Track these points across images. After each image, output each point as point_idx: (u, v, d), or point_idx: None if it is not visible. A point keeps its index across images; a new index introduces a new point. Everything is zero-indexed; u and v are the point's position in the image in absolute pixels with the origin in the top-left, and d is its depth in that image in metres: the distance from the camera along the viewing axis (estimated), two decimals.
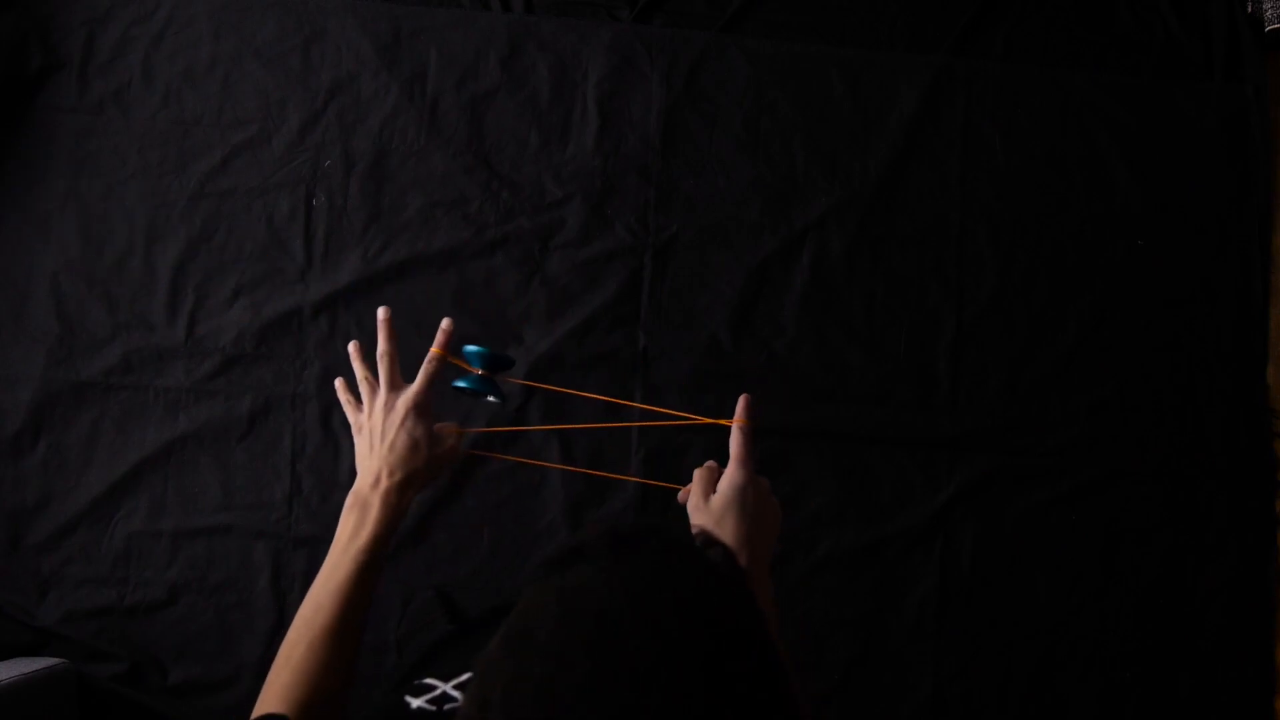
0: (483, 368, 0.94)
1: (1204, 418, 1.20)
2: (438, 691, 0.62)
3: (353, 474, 1.14)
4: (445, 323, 0.91)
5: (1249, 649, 1.17)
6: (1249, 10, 1.25)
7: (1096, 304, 1.21)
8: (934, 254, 1.21)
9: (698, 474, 0.85)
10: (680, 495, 0.90)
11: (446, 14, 1.20)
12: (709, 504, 0.82)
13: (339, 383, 0.96)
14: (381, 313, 0.91)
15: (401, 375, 0.93)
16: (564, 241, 1.18)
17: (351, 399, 0.92)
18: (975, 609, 1.17)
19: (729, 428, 0.87)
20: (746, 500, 0.82)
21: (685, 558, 0.46)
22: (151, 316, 1.15)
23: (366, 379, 0.91)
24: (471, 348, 0.96)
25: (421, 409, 0.84)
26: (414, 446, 0.82)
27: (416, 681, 0.64)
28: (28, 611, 1.12)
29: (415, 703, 0.66)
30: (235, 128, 1.17)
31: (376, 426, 0.85)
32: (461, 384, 0.97)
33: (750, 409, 0.87)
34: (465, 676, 0.61)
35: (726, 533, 0.80)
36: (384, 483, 0.81)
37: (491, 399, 0.99)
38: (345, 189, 1.17)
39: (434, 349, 0.89)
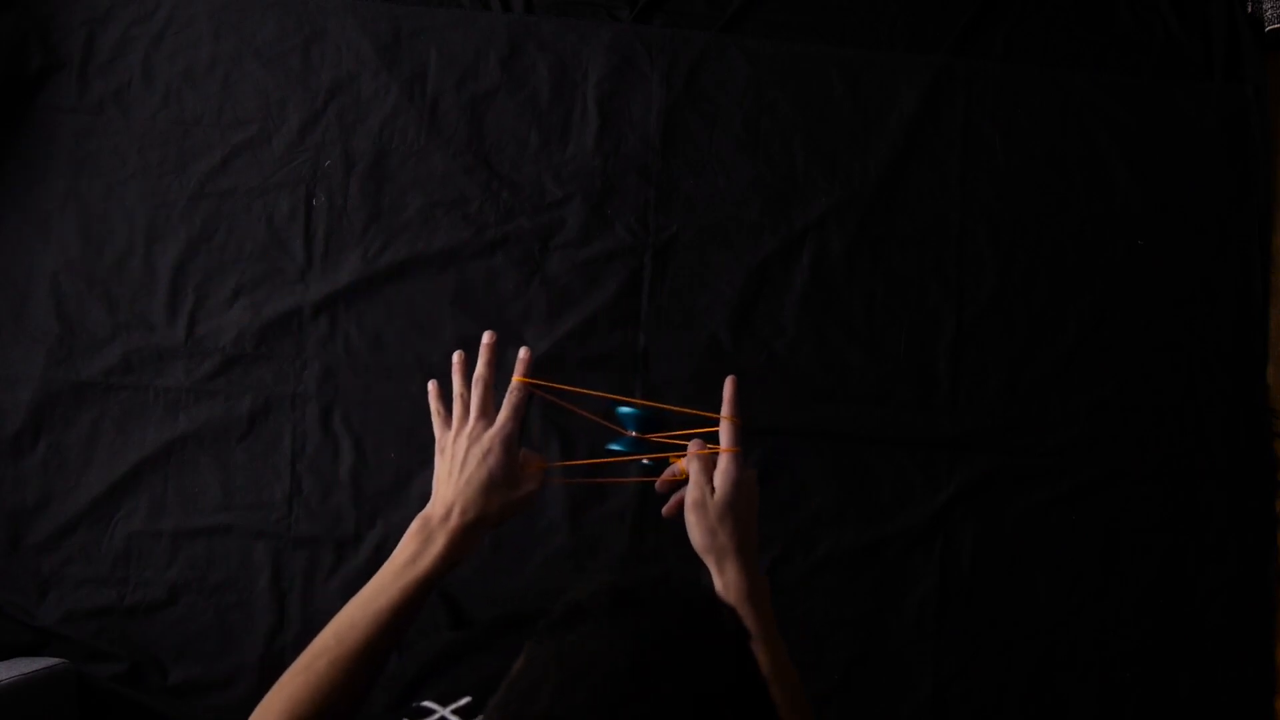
0: (636, 429, 0.91)
1: (1204, 418, 1.20)
2: (436, 716, 0.61)
3: (353, 474, 1.15)
4: (523, 352, 0.85)
5: (1249, 649, 1.18)
6: (1249, 10, 1.25)
7: (1096, 304, 1.21)
8: (934, 254, 1.21)
9: (694, 467, 0.82)
10: (659, 485, 0.86)
11: (446, 14, 1.20)
12: (709, 507, 0.80)
13: (432, 386, 0.89)
14: (486, 337, 0.85)
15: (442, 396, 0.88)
16: (564, 241, 1.18)
17: (442, 410, 0.86)
18: (975, 609, 1.17)
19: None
20: (743, 499, 0.81)
21: (689, 618, 0.45)
22: (151, 316, 1.15)
23: (463, 397, 0.85)
24: (626, 409, 0.92)
25: (508, 444, 0.79)
26: (492, 486, 0.76)
27: (415, 704, 0.63)
28: (28, 611, 1.12)
29: None
30: (235, 128, 1.17)
31: (460, 454, 0.79)
32: (616, 447, 0.93)
33: (737, 396, 0.84)
34: (464, 701, 0.61)
35: (725, 535, 0.79)
36: (454, 520, 0.75)
37: (646, 461, 0.94)
38: (345, 189, 1.17)
39: (516, 378, 0.83)
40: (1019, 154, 1.22)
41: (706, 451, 0.84)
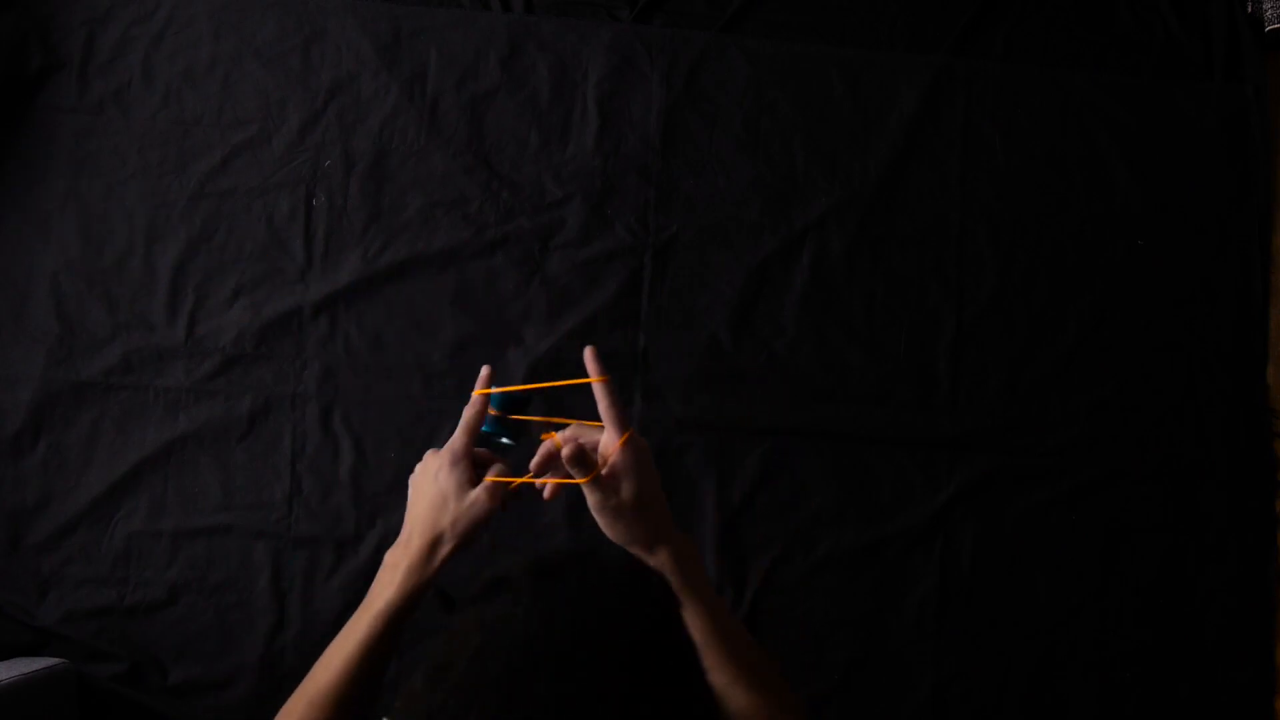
0: (496, 408, 0.84)
1: (1204, 418, 1.20)
2: None
3: (353, 474, 1.15)
4: (484, 370, 0.80)
5: (1249, 649, 1.17)
6: (1249, 10, 1.25)
7: (1096, 304, 1.21)
8: (934, 254, 1.21)
9: (568, 461, 0.71)
10: (547, 494, 0.78)
11: (446, 14, 1.20)
12: (613, 507, 0.70)
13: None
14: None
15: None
16: (564, 241, 1.18)
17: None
18: (975, 609, 1.17)
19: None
20: (643, 476, 0.72)
21: (609, 588, 0.45)
22: (151, 316, 1.15)
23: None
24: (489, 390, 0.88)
25: (455, 459, 0.75)
26: (440, 505, 0.73)
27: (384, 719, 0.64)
28: (28, 611, 1.12)
29: None
30: (235, 128, 1.17)
31: (416, 481, 0.77)
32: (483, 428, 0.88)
33: (597, 357, 0.76)
34: None
35: (641, 524, 0.72)
36: (412, 545, 0.73)
37: (505, 440, 0.87)
38: (345, 189, 1.17)
39: (475, 393, 0.79)
40: (1019, 154, 1.22)
41: (582, 442, 0.73)
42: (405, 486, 1.14)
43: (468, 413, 0.78)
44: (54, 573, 1.13)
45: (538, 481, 0.74)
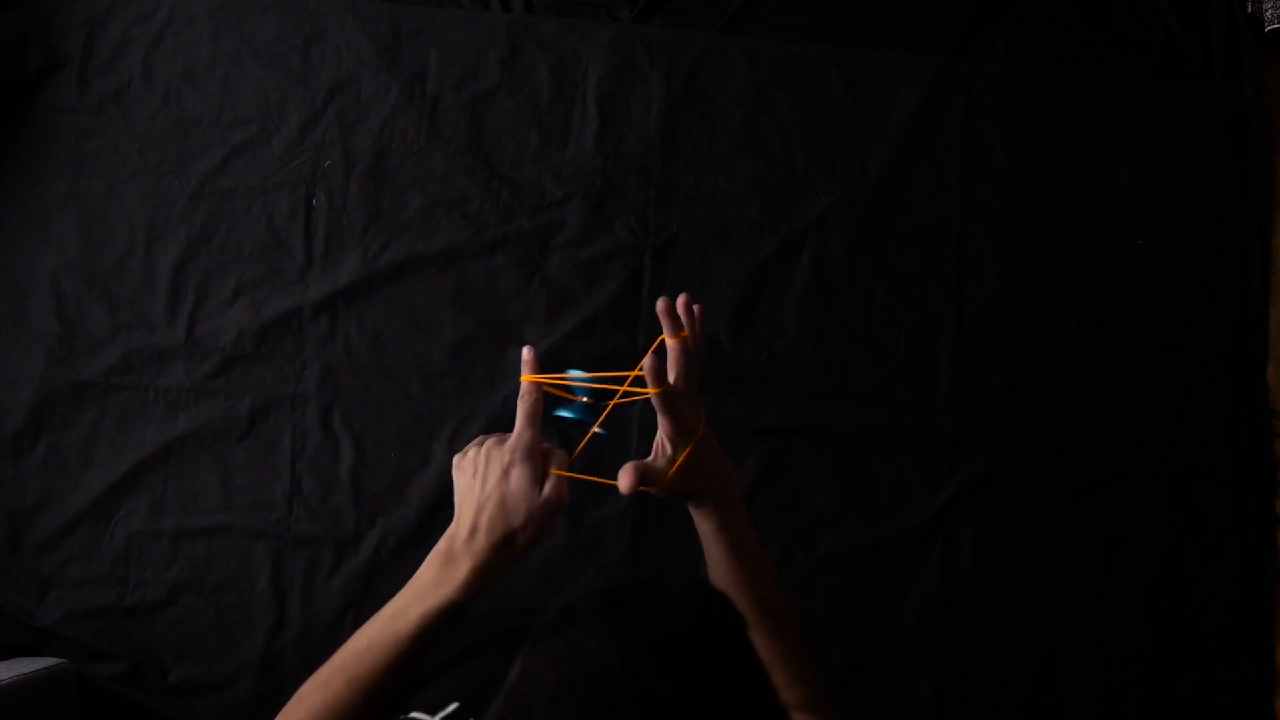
0: (590, 395, 0.80)
1: (1204, 418, 1.20)
2: None
3: (353, 474, 1.15)
4: (526, 352, 0.76)
5: (1249, 649, 1.18)
6: (1249, 10, 1.25)
7: (1096, 304, 1.21)
8: (934, 254, 1.21)
9: (649, 371, 0.68)
10: (625, 488, 0.70)
11: (446, 14, 1.20)
12: (681, 477, 0.68)
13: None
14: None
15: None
16: (564, 241, 1.18)
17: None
18: (975, 609, 1.17)
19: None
20: (713, 448, 0.70)
21: (678, 613, 0.45)
22: (151, 316, 1.15)
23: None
24: (577, 372, 0.81)
25: (526, 454, 0.71)
26: (512, 504, 0.69)
27: (402, 717, 0.62)
28: (28, 611, 1.12)
29: None
30: (235, 128, 1.17)
31: (480, 468, 0.72)
32: (565, 414, 0.83)
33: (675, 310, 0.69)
34: (451, 708, 0.60)
35: (728, 492, 0.71)
36: (480, 541, 0.69)
37: (599, 431, 0.82)
38: (345, 189, 1.17)
39: (524, 377, 0.74)
40: (1019, 154, 1.22)
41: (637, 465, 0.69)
42: (405, 486, 1.15)
43: (527, 402, 0.73)
44: (54, 573, 1.13)
45: (606, 482, 0.70)
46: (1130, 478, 1.19)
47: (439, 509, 1.14)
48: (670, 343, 0.70)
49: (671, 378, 0.69)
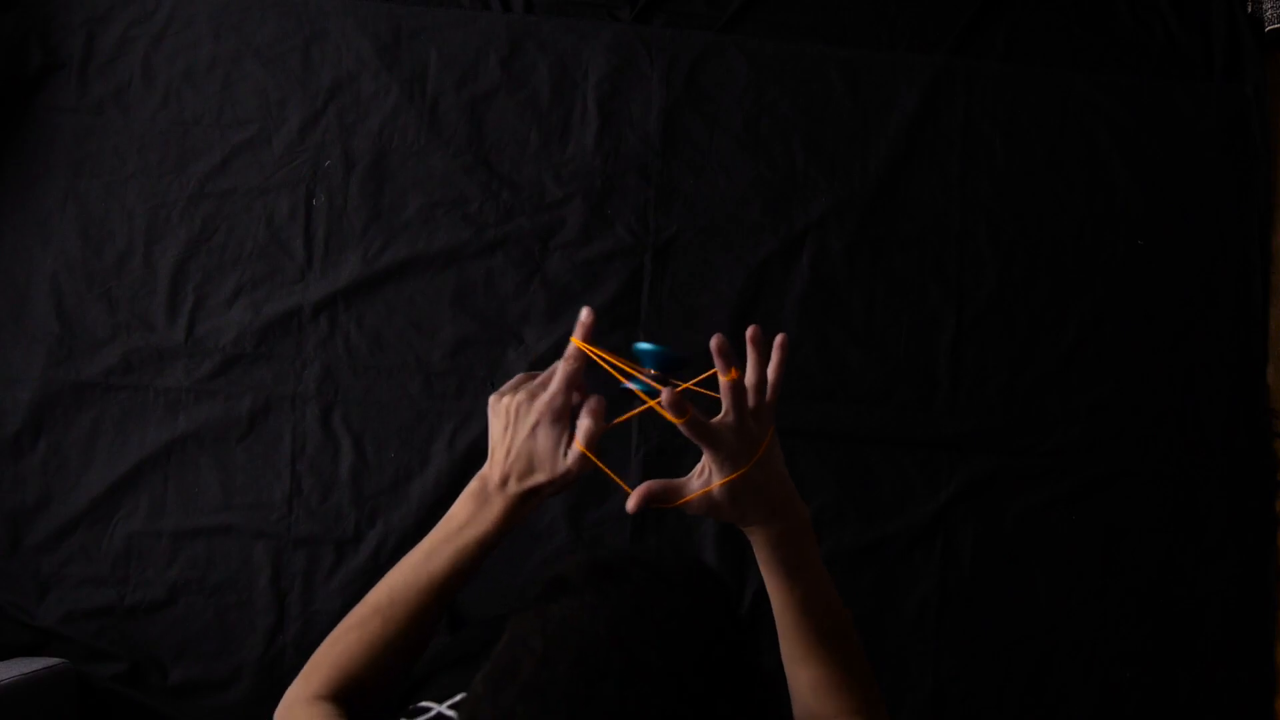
0: (657, 368, 0.77)
1: (1204, 418, 1.20)
2: (433, 713, 0.60)
3: (353, 474, 1.15)
4: (585, 314, 0.73)
5: (1249, 649, 1.18)
6: (1249, 10, 1.25)
7: (1096, 304, 1.21)
8: (934, 254, 1.21)
9: (670, 404, 0.67)
10: (630, 505, 0.70)
11: (446, 14, 1.20)
12: (715, 503, 0.69)
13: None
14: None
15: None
16: (564, 241, 1.18)
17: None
18: (975, 609, 1.17)
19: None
20: (775, 478, 0.69)
21: (670, 589, 0.45)
22: (151, 316, 1.15)
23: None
24: (645, 345, 0.82)
25: (555, 417, 0.71)
26: (538, 461, 0.70)
27: (411, 705, 0.63)
28: (28, 611, 1.12)
29: None
30: (235, 128, 1.17)
31: (512, 415, 0.72)
32: (633, 386, 0.84)
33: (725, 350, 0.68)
34: (459, 697, 0.61)
35: (746, 510, 0.70)
36: (511, 487, 0.71)
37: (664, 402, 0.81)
38: (345, 189, 1.17)
39: (573, 341, 0.73)
40: (1019, 154, 1.22)
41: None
42: (405, 486, 1.15)
43: (569, 366, 0.72)
44: (54, 573, 1.13)
45: (620, 484, 0.71)
46: (1130, 478, 1.19)
47: (439, 509, 1.14)
48: (722, 380, 0.69)
49: (722, 413, 0.69)
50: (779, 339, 0.72)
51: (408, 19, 1.19)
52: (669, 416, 0.66)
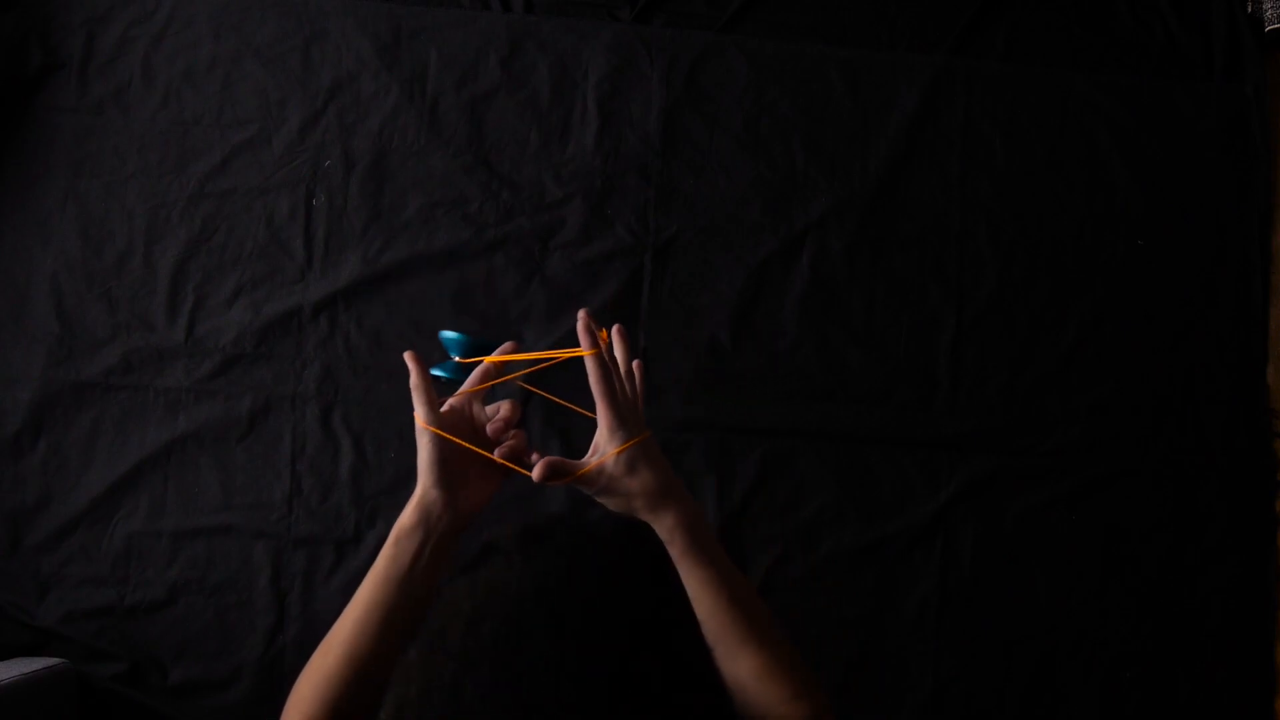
0: (461, 355, 0.76)
1: (1204, 418, 1.20)
2: None
3: (353, 474, 1.15)
4: (507, 345, 0.73)
5: (1249, 649, 1.17)
6: (1249, 10, 1.25)
7: (1096, 304, 1.21)
8: (934, 254, 1.21)
9: (542, 480, 0.62)
10: (536, 475, 0.63)
11: (446, 14, 1.20)
12: (609, 484, 0.63)
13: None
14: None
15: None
16: (564, 241, 1.18)
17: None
18: (975, 609, 1.17)
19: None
20: (657, 461, 0.65)
21: (598, 550, 0.46)
22: (151, 316, 1.15)
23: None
24: (449, 334, 0.79)
25: (419, 430, 0.68)
26: (430, 478, 0.67)
27: None
28: (28, 611, 1.12)
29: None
30: (235, 128, 1.17)
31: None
32: (437, 372, 0.79)
33: (591, 323, 0.66)
34: None
35: (667, 493, 0.65)
36: (436, 499, 0.67)
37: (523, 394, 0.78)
38: (345, 189, 1.17)
39: (486, 359, 0.70)
40: (1019, 154, 1.22)
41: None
42: (405, 486, 1.14)
43: (470, 378, 0.72)
44: (54, 573, 1.13)
45: (518, 470, 0.66)
46: (1130, 478, 1.19)
47: None
48: (587, 356, 0.67)
49: (593, 383, 0.66)
50: (616, 328, 0.71)
51: (408, 19, 1.19)
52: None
